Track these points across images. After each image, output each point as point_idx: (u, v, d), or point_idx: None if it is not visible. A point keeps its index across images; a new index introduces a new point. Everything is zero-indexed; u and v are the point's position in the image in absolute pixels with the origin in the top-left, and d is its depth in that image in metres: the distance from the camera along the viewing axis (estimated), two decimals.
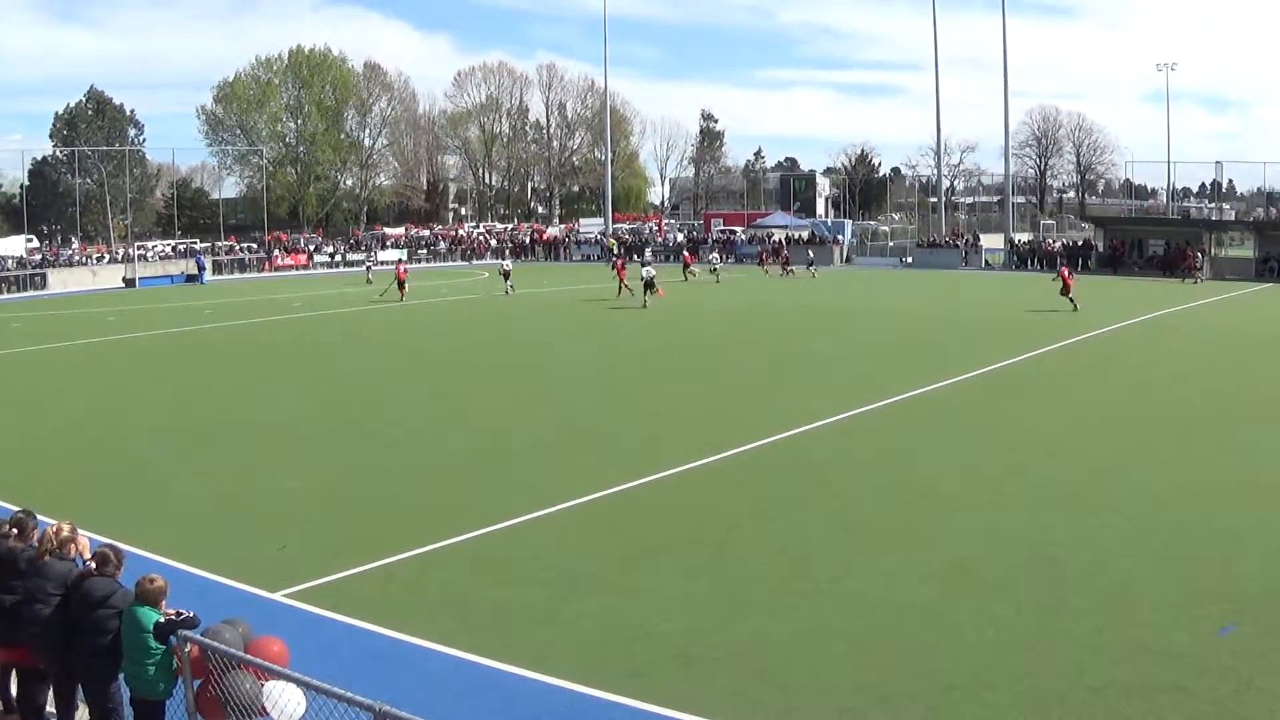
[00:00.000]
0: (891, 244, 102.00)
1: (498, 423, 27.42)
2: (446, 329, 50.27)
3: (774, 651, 13.15)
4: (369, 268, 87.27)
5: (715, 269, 77.24)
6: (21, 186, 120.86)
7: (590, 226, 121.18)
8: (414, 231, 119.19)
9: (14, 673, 11.32)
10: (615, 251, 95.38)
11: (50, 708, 11.07)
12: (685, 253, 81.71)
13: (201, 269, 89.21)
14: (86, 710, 10.55)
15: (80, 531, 11.01)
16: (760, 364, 36.73)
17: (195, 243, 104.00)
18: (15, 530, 11.03)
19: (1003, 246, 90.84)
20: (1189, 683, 12.04)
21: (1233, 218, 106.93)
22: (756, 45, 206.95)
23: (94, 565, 10.30)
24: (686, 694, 12.04)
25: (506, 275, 68.38)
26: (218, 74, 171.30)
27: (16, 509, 12.23)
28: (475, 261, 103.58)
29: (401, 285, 65.39)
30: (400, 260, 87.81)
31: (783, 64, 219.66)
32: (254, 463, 23.93)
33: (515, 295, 64.39)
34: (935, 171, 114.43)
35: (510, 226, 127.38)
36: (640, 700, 11.94)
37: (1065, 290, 52.17)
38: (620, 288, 62.99)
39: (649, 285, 58.43)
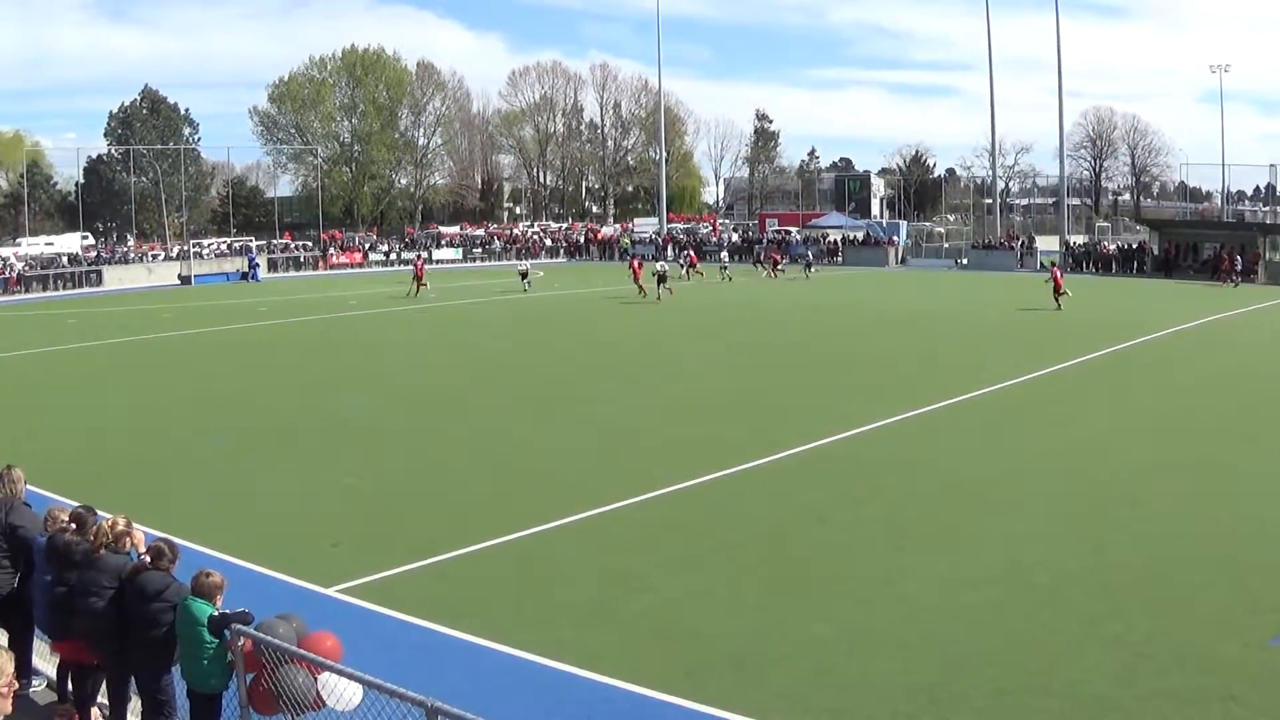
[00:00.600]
0: (946, 245, 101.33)
1: (551, 422, 27.50)
2: (506, 329, 50.32)
3: (826, 654, 13.13)
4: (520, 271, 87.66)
5: (725, 268, 77.26)
6: (77, 184, 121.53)
7: (645, 226, 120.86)
8: (469, 230, 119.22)
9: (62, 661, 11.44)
10: (630, 250, 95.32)
11: (103, 699, 11.15)
12: (691, 253, 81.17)
13: (255, 266, 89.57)
14: (139, 702, 10.61)
15: (135, 526, 11.06)
16: (812, 365, 36.64)
17: (250, 240, 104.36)
18: (74, 525, 11.12)
19: (1057, 249, 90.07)
20: (1240, 692, 11.93)
21: None
22: (808, 44, 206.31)
23: (149, 559, 10.36)
24: (738, 695, 12.02)
25: (524, 275, 70.81)
26: (270, 73, 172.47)
27: (76, 504, 12.35)
28: (530, 261, 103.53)
29: (419, 280, 67.08)
30: (419, 256, 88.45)
31: (835, 63, 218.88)
32: (310, 459, 24.09)
33: (562, 294, 64.39)
34: (990, 173, 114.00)
35: (565, 226, 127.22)
36: (692, 700, 11.93)
37: (1057, 290, 53.77)
38: (639, 287, 63.37)
39: (661, 279, 60.35)
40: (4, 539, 11.54)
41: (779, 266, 78.58)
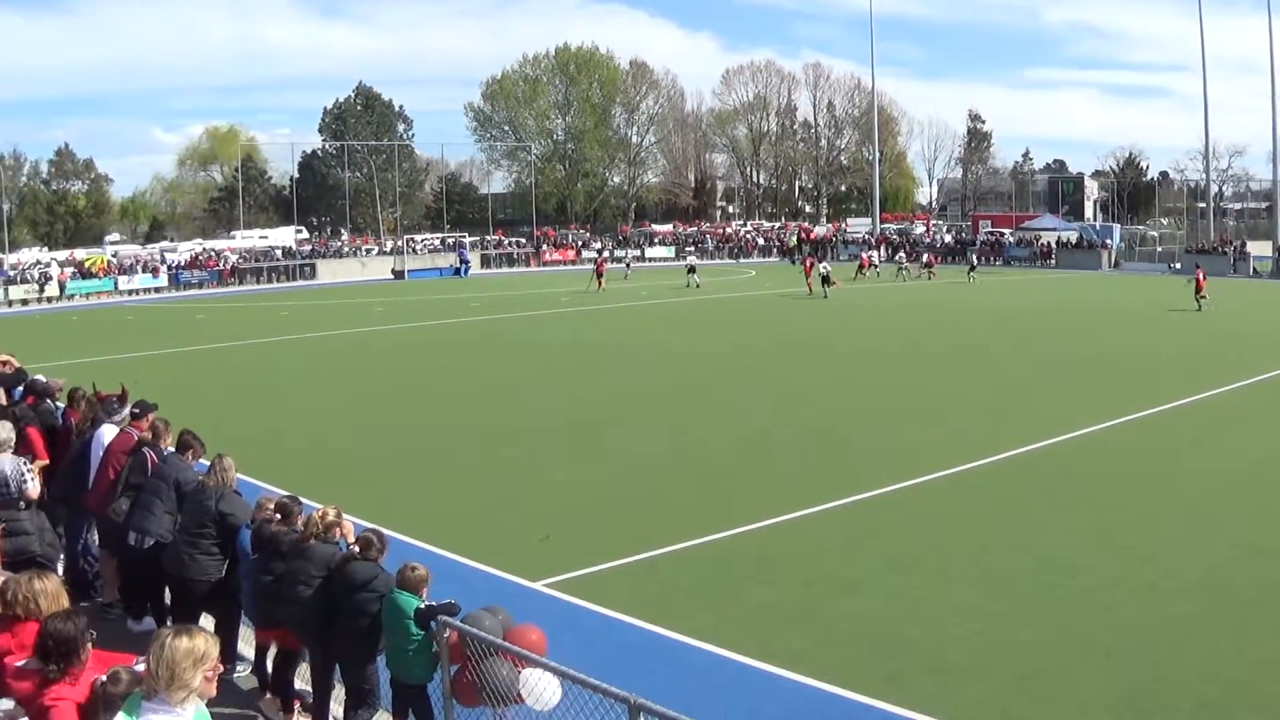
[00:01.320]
0: (1159, 249, 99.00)
1: (759, 422, 27.24)
2: (698, 326, 50.21)
3: (1029, 662, 12.84)
4: (628, 264, 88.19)
5: (903, 268, 76.81)
6: (291, 179, 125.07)
7: (858, 226, 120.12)
8: (681, 229, 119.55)
9: (270, 652, 11.52)
10: (802, 250, 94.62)
11: (305, 686, 11.19)
12: (864, 254, 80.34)
13: (466, 262, 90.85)
14: (343, 690, 10.65)
15: (345, 516, 11.09)
16: (1024, 367, 35.78)
17: (463, 236, 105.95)
18: (279, 515, 11.15)
19: (1271, 254, 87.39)
20: None
21: None
22: (1021, 44, 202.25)
23: (357, 549, 10.38)
24: (939, 700, 11.82)
25: (692, 270, 72.61)
26: (481, 70, 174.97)
27: (283, 493, 12.42)
28: (742, 260, 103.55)
29: (599, 277, 70.07)
30: (601, 253, 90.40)
31: (1048, 64, 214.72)
32: (520, 453, 24.22)
33: (760, 294, 64.11)
34: (1203, 176, 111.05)
35: (777, 225, 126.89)
36: (893, 704, 11.77)
37: (1198, 290, 54.52)
38: (808, 284, 64.58)
39: (825, 280, 62.95)
40: (214, 526, 11.62)
41: (867, 268, 79.12)
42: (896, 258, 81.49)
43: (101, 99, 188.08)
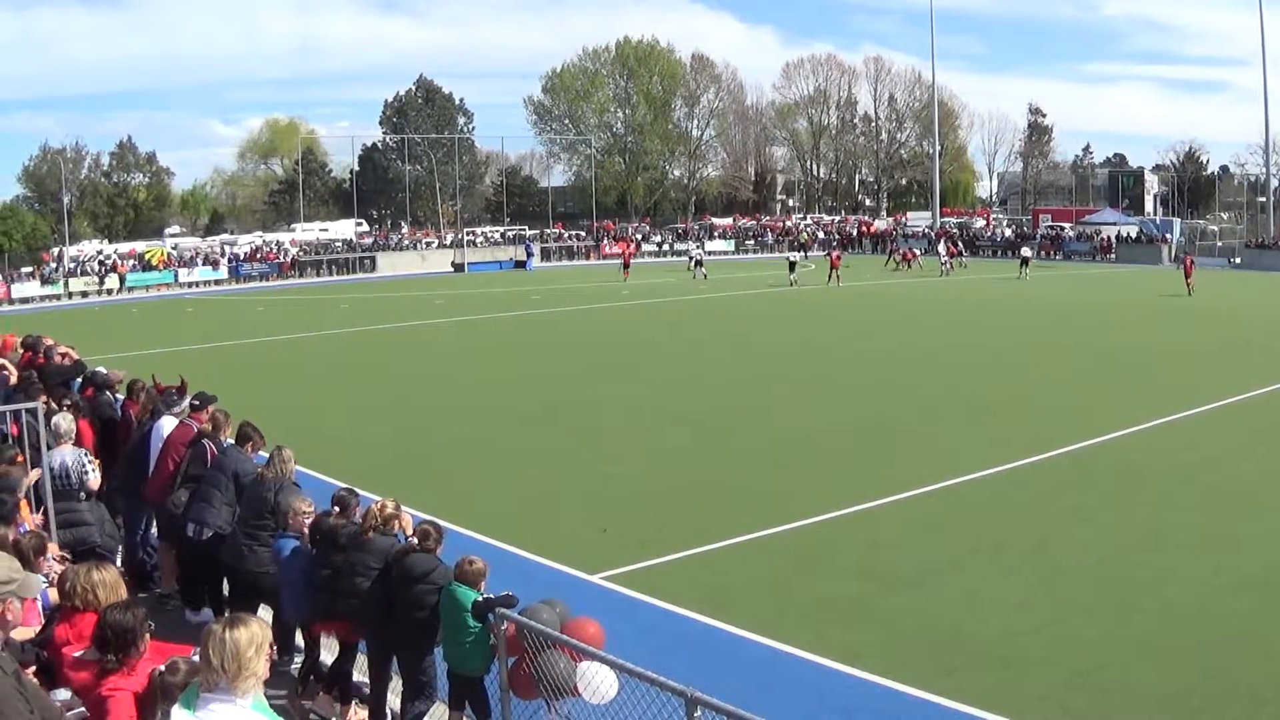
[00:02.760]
0: (1220, 244, 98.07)
1: (811, 418, 27.13)
2: (768, 322, 50.31)
3: (1087, 657, 12.78)
4: (697, 262, 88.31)
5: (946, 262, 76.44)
6: (351, 172, 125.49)
7: (918, 220, 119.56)
8: (741, 222, 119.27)
9: (322, 642, 11.61)
10: (832, 244, 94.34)
11: (363, 677, 11.25)
12: (834, 253, 79.49)
13: (530, 255, 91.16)
14: (400, 681, 10.71)
15: (404, 509, 11.15)
16: (1080, 363, 35.42)
17: (524, 229, 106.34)
18: (337, 508, 11.19)
19: None
20: None
21: None
22: (1081, 38, 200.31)
23: (415, 541, 10.42)
24: (997, 696, 11.81)
25: (699, 263, 74.56)
26: (540, 63, 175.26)
27: (341, 486, 12.46)
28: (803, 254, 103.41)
29: (627, 267, 72.66)
30: (627, 243, 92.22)
31: (1108, 57, 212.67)
32: (577, 446, 24.34)
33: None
34: (1263, 170, 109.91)
35: (838, 219, 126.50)
36: (951, 700, 11.76)
37: (1187, 276, 58.76)
38: (830, 275, 66.00)
39: (792, 267, 67.61)
40: (272, 518, 11.67)
41: (912, 261, 78.93)
42: (939, 250, 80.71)
43: (160, 92, 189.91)
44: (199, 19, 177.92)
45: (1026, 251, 78.31)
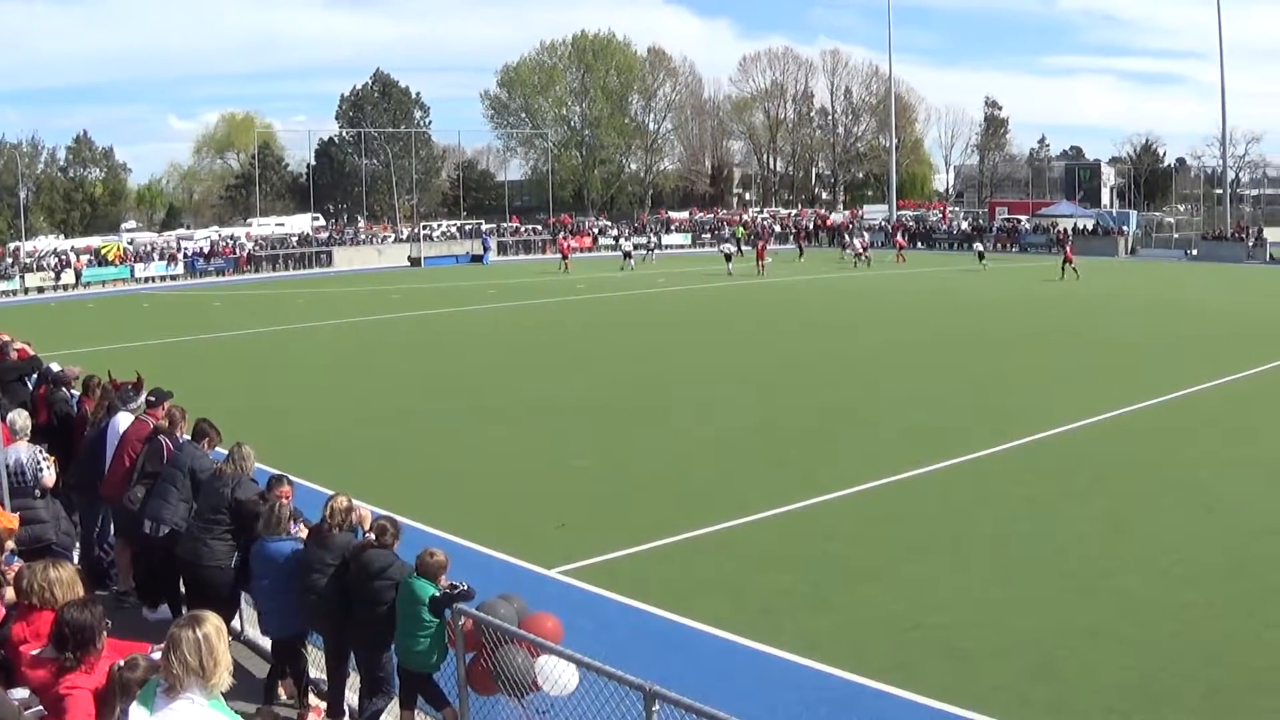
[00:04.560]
0: (1176, 236, 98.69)
1: (767, 408, 27.33)
2: (723, 316, 50.27)
3: (1044, 648, 12.85)
4: (648, 251, 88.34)
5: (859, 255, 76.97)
6: (308, 166, 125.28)
7: (874, 213, 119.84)
8: (698, 216, 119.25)
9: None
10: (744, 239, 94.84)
11: (320, 674, 11.23)
12: (760, 242, 79.48)
13: (487, 249, 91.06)
14: (357, 678, 10.69)
15: (359, 503, 11.11)
16: (1040, 356, 35.55)
17: (480, 223, 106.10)
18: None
19: None
20: None
21: None
22: (1038, 31, 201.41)
23: (373, 536, 10.39)
24: (955, 687, 11.83)
25: (628, 255, 76.84)
26: (499, 57, 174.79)
27: (299, 482, 12.45)
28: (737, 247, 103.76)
29: (565, 258, 75.43)
30: (563, 236, 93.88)
31: (1065, 50, 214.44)
32: (540, 440, 24.31)
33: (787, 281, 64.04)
34: (1220, 163, 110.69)
35: (794, 212, 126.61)
36: (909, 691, 11.79)
37: (1067, 261, 63.34)
38: (758, 265, 70.53)
39: (729, 258, 71.96)
40: (229, 514, 11.63)
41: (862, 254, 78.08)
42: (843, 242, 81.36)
43: (117, 87, 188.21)
44: (157, 13, 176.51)
45: (979, 246, 78.79)
